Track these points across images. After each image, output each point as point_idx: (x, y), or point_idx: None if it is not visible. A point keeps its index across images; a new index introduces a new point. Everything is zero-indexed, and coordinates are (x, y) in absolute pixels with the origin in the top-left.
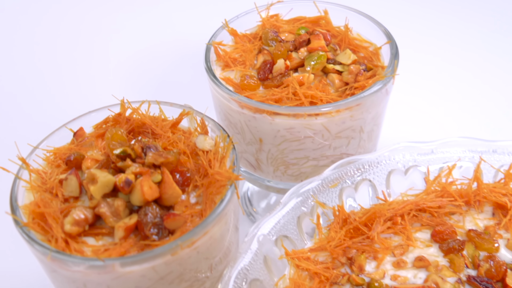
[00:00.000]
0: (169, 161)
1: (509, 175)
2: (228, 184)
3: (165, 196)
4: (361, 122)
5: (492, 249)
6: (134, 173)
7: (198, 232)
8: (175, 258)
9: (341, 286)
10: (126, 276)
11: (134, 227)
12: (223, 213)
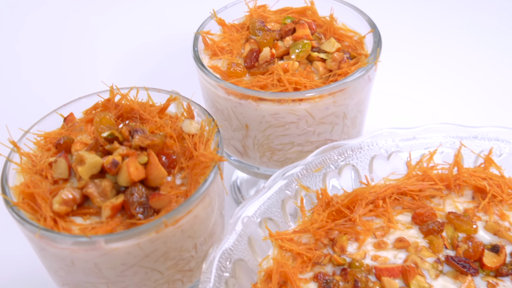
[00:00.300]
0: (155, 143)
1: (488, 160)
2: (212, 165)
3: (151, 177)
4: (344, 108)
5: (470, 230)
6: (121, 155)
7: (182, 210)
8: (159, 235)
9: (323, 266)
10: (112, 253)
11: (121, 206)
12: (206, 192)
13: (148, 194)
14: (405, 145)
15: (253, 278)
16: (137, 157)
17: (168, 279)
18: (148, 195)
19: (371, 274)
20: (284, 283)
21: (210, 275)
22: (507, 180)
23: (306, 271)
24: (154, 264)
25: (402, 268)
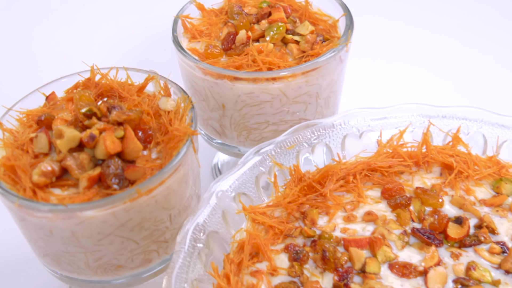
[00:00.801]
0: (131, 118)
1: (456, 138)
2: (185, 138)
3: (127, 151)
4: (317, 88)
5: (436, 204)
6: (99, 129)
7: (155, 181)
8: (133, 204)
9: (294, 238)
10: (89, 222)
11: (97, 178)
12: (179, 164)
13: (123, 167)
14: (376, 124)
15: (226, 249)
16: (113, 131)
17: (143, 250)
18: (124, 167)
19: (340, 245)
20: (256, 254)
21: (184, 246)
22: (473, 157)
23: (278, 242)
24: (129, 234)
25: (370, 239)
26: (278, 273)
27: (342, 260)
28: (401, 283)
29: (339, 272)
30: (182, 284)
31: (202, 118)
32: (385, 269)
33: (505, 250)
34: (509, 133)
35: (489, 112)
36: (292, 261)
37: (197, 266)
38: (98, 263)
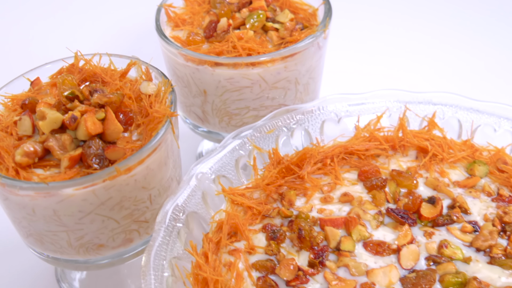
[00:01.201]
0: (112, 100)
1: (432, 122)
2: (164, 120)
3: (108, 132)
4: (296, 74)
5: (411, 185)
6: (80, 111)
7: (134, 159)
8: (113, 183)
9: (272, 218)
10: (69, 200)
11: (79, 158)
12: (158, 144)
13: (104, 147)
14: (354, 109)
15: (205, 229)
16: (95, 113)
17: (124, 229)
18: (105, 147)
19: (316, 225)
20: (235, 234)
21: (163, 225)
22: (448, 141)
23: (256, 223)
24: (110, 213)
25: (345, 219)
26: (255, 251)
27: (318, 239)
28: (375, 261)
29: (315, 250)
30: (160, 261)
31: (185, 104)
32: (359, 247)
33: (476, 229)
34: (483, 118)
35: (464, 97)
36: (269, 240)
37: (176, 245)
38: (80, 242)
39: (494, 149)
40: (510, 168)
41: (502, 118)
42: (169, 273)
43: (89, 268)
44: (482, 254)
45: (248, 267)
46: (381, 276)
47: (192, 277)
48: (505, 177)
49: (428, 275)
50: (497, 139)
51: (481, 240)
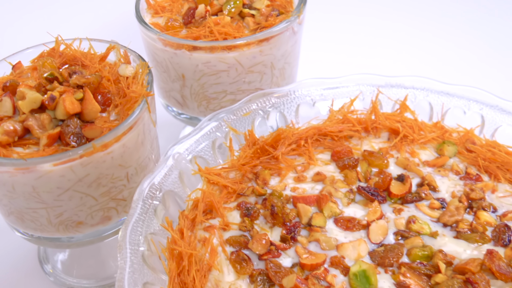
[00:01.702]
0: (90, 81)
1: (403, 105)
2: (140, 99)
3: (86, 111)
4: (271, 58)
5: (382, 165)
6: (59, 92)
7: (110, 136)
8: (90, 159)
9: (247, 197)
10: (48, 176)
11: (57, 136)
12: (134, 122)
13: (82, 126)
14: (329, 93)
15: (181, 207)
16: (73, 94)
17: (102, 207)
18: (83, 126)
19: (289, 203)
20: (210, 212)
21: (140, 202)
22: (419, 123)
23: (231, 201)
24: (87, 189)
25: (317, 197)
26: (230, 228)
27: (290, 216)
28: (345, 236)
29: (287, 226)
30: (137, 236)
31: (164, 90)
32: (330, 223)
33: (444, 205)
34: (454, 101)
35: (435, 81)
36: (243, 217)
37: (153, 221)
38: (59, 219)
39: (463, 130)
40: (478, 148)
41: (472, 100)
42: (145, 247)
43: (70, 246)
44: (449, 229)
45: (222, 242)
46: (350, 250)
47: (168, 252)
48: (473, 157)
49: (396, 248)
50: (467, 121)
51: (448, 216)
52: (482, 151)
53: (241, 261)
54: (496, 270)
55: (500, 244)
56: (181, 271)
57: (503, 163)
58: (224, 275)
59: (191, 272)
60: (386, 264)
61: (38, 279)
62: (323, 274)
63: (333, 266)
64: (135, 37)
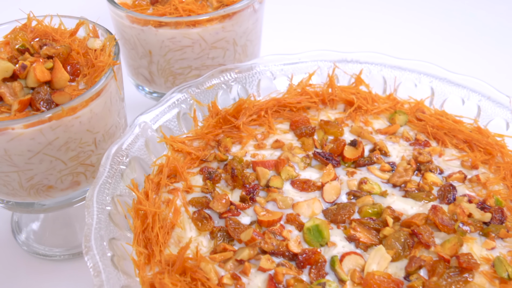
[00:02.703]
0: (60, 51)
1: (358, 79)
2: (107, 68)
3: (55, 80)
4: (233, 35)
5: (337, 133)
6: (30, 61)
7: (77, 100)
8: (59, 123)
9: (209, 162)
10: (19, 138)
11: (28, 102)
12: (101, 88)
13: (52, 93)
14: (288, 68)
15: (147, 172)
16: (43, 63)
17: (71, 171)
18: (52, 93)
19: (249, 168)
20: (174, 176)
21: (107, 166)
22: (373, 95)
23: (194, 166)
24: (57, 153)
25: (275, 161)
26: (192, 190)
27: (249, 179)
28: (300, 196)
29: (246, 188)
30: (104, 196)
31: (133, 67)
32: (287, 185)
33: (394, 168)
34: (406, 74)
35: (389, 56)
36: (205, 180)
37: (119, 185)
38: (30, 183)
39: (414, 101)
40: (427, 116)
41: (422, 74)
42: (112, 207)
43: (42, 211)
44: (398, 189)
45: (185, 203)
46: (305, 208)
47: (133, 211)
48: (422, 125)
49: (348, 206)
50: (418, 92)
51: (397, 177)
52: (431, 120)
53: (202, 219)
54: (439, 222)
55: (445, 202)
56: (145, 228)
57: (450, 130)
58: (186, 232)
59: (155, 229)
60: (339, 221)
61: (11, 248)
62: (279, 230)
63: (289, 223)
64: (105, 17)
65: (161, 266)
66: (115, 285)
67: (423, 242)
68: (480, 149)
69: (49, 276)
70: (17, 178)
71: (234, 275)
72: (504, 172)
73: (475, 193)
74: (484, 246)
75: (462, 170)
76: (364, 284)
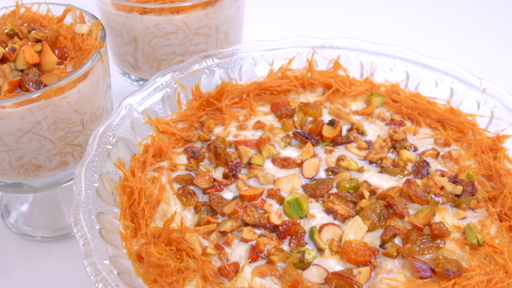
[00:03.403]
0: (48, 35)
1: (336, 63)
2: (94, 50)
3: (44, 62)
4: (216, 22)
5: (316, 114)
6: (19, 45)
7: (65, 81)
8: (47, 102)
9: (193, 142)
10: (9, 117)
11: (18, 83)
12: (88, 70)
13: (41, 74)
14: (269, 54)
15: (133, 152)
16: (32, 47)
17: (60, 151)
18: (41, 75)
19: (231, 147)
20: (159, 156)
21: (94, 145)
22: (351, 79)
23: (178, 146)
24: (46, 133)
25: (257, 141)
26: (177, 168)
27: (232, 157)
28: (281, 172)
29: (229, 166)
30: (92, 173)
31: (118, 54)
32: (268, 163)
33: (370, 146)
34: (382, 59)
35: (366, 42)
36: (189, 159)
37: (106, 163)
38: (20, 163)
39: (390, 84)
40: (402, 98)
41: (398, 58)
42: (99, 184)
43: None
44: (374, 165)
45: (170, 180)
46: (285, 184)
47: (120, 188)
48: (397, 106)
49: (326, 181)
50: (393, 76)
51: (373, 154)
52: (406, 101)
53: (186, 195)
54: (413, 194)
55: (418, 176)
56: (132, 204)
57: (424, 110)
58: (171, 206)
59: (141, 203)
60: (317, 195)
61: (1, 231)
62: (260, 204)
63: (270, 197)
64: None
65: (147, 238)
66: (104, 254)
67: (397, 213)
68: (452, 127)
69: (37, 256)
70: (7, 158)
71: (217, 245)
72: (475, 148)
73: (448, 168)
74: (455, 216)
75: (435, 147)
76: (341, 252)
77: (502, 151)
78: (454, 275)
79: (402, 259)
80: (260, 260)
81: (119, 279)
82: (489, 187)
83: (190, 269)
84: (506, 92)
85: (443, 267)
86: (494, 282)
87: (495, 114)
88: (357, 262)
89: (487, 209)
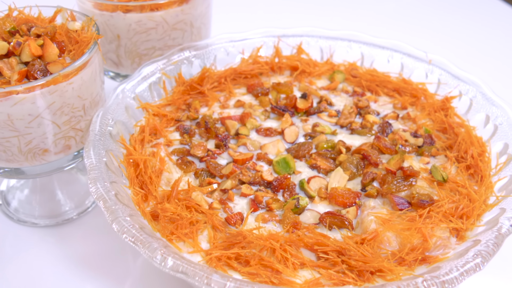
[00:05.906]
0: (48, 30)
1: (300, 49)
2: (92, 41)
3: (47, 54)
4: (190, 17)
5: (288, 91)
6: (23, 40)
7: (71, 67)
8: (56, 88)
9: (183, 122)
10: (21, 103)
11: (25, 73)
12: (89, 58)
13: (46, 64)
14: (239, 44)
15: (131, 132)
16: (35, 41)
17: (64, 135)
18: (46, 64)
19: (218, 123)
20: (154, 135)
21: (97, 126)
22: (313, 62)
23: (170, 126)
24: (53, 117)
25: (240, 116)
26: (172, 144)
27: (220, 131)
28: (265, 140)
29: (219, 138)
30: (99, 150)
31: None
32: (253, 134)
33: (339, 113)
34: (338, 43)
35: (323, 29)
36: (182, 134)
37: (109, 142)
38: (28, 147)
39: (348, 64)
40: (360, 73)
41: (352, 41)
42: (107, 159)
43: (38, 175)
44: (345, 129)
45: (168, 154)
46: (271, 148)
47: (125, 162)
48: (357, 81)
49: (306, 144)
50: (350, 57)
51: (343, 119)
52: (365, 75)
53: (186, 163)
54: (383, 146)
55: (384, 135)
56: (138, 173)
57: (381, 82)
58: (173, 174)
59: (147, 172)
60: (300, 155)
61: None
62: (252, 165)
63: (260, 160)
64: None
65: (157, 200)
66: (125, 213)
67: (372, 162)
68: (407, 94)
69: (36, 243)
70: (17, 143)
71: (221, 201)
72: (428, 109)
73: (407, 127)
74: (420, 162)
75: (395, 110)
76: (329, 197)
77: (451, 109)
78: (428, 204)
79: (382, 198)
80: (260, 210)
81: (143, 232)
82: (445, 139)
83: (201, 221)
84: (449, 62)
85: (418, 198)
86: (461, 208)
87: (442, 81)
88: (344, 204)
89: (445, 155)
